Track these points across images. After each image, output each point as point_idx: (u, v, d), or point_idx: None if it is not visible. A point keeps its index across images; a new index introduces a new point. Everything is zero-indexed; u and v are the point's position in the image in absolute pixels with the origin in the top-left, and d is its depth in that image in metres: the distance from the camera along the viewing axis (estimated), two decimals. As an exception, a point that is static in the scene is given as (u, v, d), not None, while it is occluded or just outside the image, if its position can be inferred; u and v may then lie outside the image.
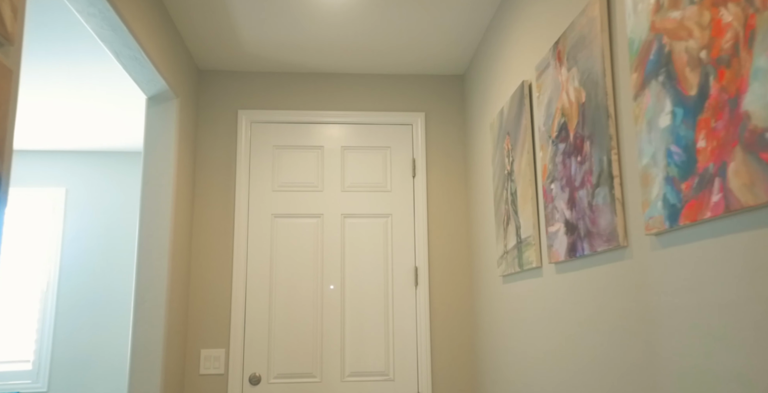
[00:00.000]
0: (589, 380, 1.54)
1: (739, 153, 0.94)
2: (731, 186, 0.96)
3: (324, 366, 2.80)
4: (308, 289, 2.87)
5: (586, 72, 1.52)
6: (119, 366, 4.28)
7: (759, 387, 0.91)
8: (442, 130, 3.06)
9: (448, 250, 2.95)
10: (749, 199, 0.91)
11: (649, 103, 1.22)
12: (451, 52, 2.84)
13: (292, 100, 3.03)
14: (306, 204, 2.95)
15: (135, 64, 2.23)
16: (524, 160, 2.02)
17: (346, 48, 2.79)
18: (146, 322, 2.42)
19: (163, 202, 2.51)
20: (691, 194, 1.07)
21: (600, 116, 1.45)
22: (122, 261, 4.41)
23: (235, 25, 2.57)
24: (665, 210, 1.15)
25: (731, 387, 0.98)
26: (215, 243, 2.87)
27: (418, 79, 3.10)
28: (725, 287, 1.00)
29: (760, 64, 0.89)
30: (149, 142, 2.54)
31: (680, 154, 1.10)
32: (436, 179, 3.01)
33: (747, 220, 0.95)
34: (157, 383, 2.39)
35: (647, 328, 1.25)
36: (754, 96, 0.91)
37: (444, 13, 2.48)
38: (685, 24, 1.09)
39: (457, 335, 2.88)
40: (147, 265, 2.45)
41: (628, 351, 1.34)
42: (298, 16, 2.50)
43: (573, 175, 1.61)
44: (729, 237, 1.00)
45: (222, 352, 2.77)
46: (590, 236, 1.50)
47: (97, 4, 1.81)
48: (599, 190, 1.45)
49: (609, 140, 1.40)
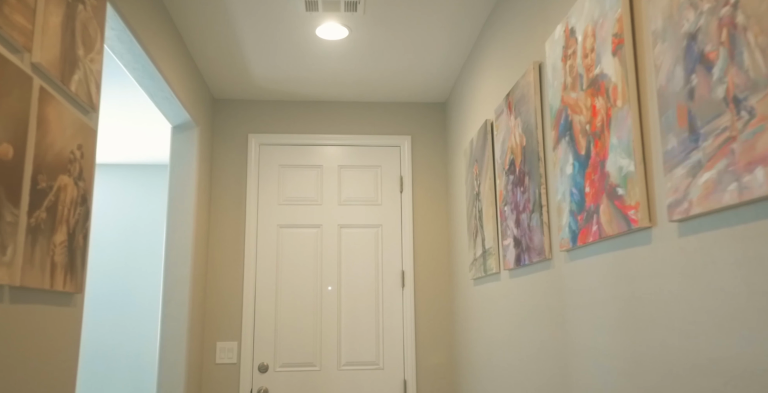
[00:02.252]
0: (529, 356, 1.99)
1: (605, 199, 1.38)
2: (601, 221, 1.40)
3: (323, 356, 3.25)
4: (309, 290, 3.31)
5: (526, 123, 1.96)
6: (139, 358, 4.72)
7: (621, 359, 1.35)
8: (426, 152, 3.50)
9: (431, 256, 3.39)
10: (610, 230, 1.36)
11: (561, 155, 1.66)
12: (434, 83, 3.28)
13: (296, 125, 3.47)
14: (307, 216, 3.39)
15: (165, 103, 2.67)
16: (487, 185, 2.46)
17: (342, 80, 3.23)
18: (172, 319, 2.86)
19: (185, 215, 2.94)
20: (582, 224, 1.51)
21: (534, 158, 1.89)
22: (143, 265, 4.85)
23: (246, 61, 3.01)
24: (569, 234, 1.59)
25: (608, 359, 1.42)
26: (228, 249, 3.31)
27: (405, 107, 3.54)
28: (604, 290, 1.44)
29: (614, 142, 1.34)
30: (174, 165, 2.98)
31: (577, 194, 1.55)
32: (421, 195, 3.45)
33: (609, 244, 1.40)
34: (183, 371, 2.83)
35: (563, 318, 1.70)
36: (611, 162, 1.35)
37: (427, 50, 2.92)
38: (579, 103, 1.53)
39: (438, 329, 3.32)
40: (173, 269, 2.89)
41: (551, 334, 1.78)
42: (300, 54, 2.94)
43: (518, 201, 2.06)
44: (601, 256, 1.44)
45: (235, 345, 3.21)
46: (529, 250, 1.94)
47: (140, 60, 2.25)
48: (534, 215, 1.89)
49: (540, 177, 1.84)
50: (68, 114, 1.46)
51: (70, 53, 1.47)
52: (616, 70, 1.33)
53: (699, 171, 1.02)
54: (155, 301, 4.86)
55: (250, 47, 2.82)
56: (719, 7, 0.97)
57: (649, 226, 1.22)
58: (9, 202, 1.20)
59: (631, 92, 1.27)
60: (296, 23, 2.59)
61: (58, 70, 1.41)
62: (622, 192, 1.30)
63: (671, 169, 1.11)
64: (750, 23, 0.90)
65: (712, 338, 1.01)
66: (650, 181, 1.22)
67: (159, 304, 4.88)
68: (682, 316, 1.11)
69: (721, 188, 0.96)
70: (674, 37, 1.10)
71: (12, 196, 1.21)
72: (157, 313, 4.86)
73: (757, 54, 0.88)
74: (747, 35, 0.90)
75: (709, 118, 0.99)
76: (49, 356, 1.42)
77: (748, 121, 0.90)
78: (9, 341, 1.25)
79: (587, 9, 1.48)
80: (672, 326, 1.14)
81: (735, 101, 0.93)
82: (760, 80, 0.87)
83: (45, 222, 1.35)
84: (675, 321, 1.13)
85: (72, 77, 1.49)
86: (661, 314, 1.18)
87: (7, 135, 1.19)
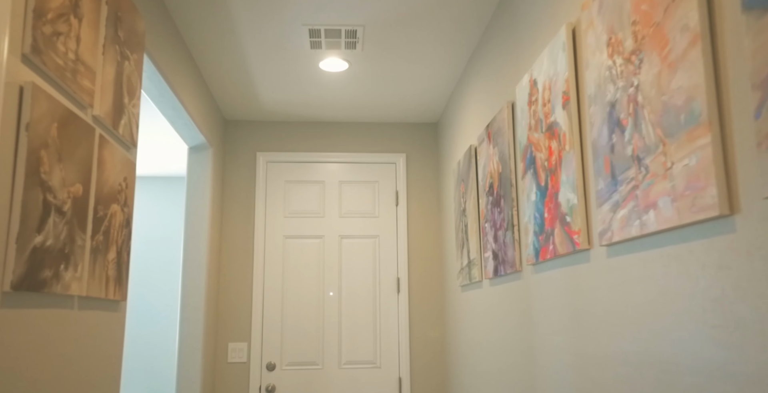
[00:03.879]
0: (504, 352, 2.29)
1: (558, 224, 1.69)
2: (556, 241, 1.71)
3: (325, 356, 3.56)
4: (312, 295, 3.62)
5: (502, 153, 2.28)
6: (155, 360, 5.03)
7: (570, 354, 1.66)
8: (420, 168, 3.82)
9: (423, 264, 3.70)
10: (561, 250, 1.67)
11: (527, 184, 1.97)
12: (426, 105, 3.60)
13: (300, 144, 3.78)
14: (310, 227, 3.70)
15: (184, 128, 2.98)
16: (471, 203, 2.77)
17: (342, 104, 3.55)
18: (189, 322, 3.17)
19: (201, 228, 3.25)
20: (543, 243, 1.82)
21: (507, 184, 2.20)
22: (159, 270, 5.16)
23: (255, 88, 3.32)
24: (533, 251, 1.90)
25: (561, 354, 1.73)
26: (239, 258, 3.62)
27: (400, 127, 3.86)
28: (558, 298, 1.75)
29: (564, 178, 1.65)
30: (190, 182, 3.29)
31: (538, 218, 1.86)
32: (415, 208, 3.76)
33: (561, 261, 1.71)
34: (199, 369, 3.14)
35: (530, 321, 2.01)
36: (562, 194, 1.66)
37: (419, 80, 3.24)
38: (540, 143, 1.85)
39: (430, 331, 3.63)
40: (190, 277, 3.20)
41: (521, 334, 2.09)
42: (305, 83, 3.25)
43: (496, 219, 2.37)
44: (556, 270, 1.75)
45: (245, 345, 3.52)
46: (504, 262, 2.25)
47: (165, 94, 2.56)
48: (508, 233, 2.20)
49: (512, 201, 2.16)
50: (117, 153, 1.77)
51: (118, 102, 1.79)
52: (565, 121, 1.64)
53: (617, 209, 1.33)
54: (170, 305, 5.16)
55: (259, 77, 3.13)
56: (628, 87, 1.28)
57: (588, 248, 1.53)
58: (80, 229, 1.51)
59: (575, 140, 1.58)
60: (302, 59, 2.91)
61: (110, 118, 1.72)
62: (569, 219, 1.61)
63: (600, 205, 1.42)
64: (645, 103, 1.21)
65: (626, 335, 1.33)
66: (588, 212, 1.53)
67: (171, 308, 5.19)
68: (609, 320, 1.42)
69: (630, 223, 1.27)
70: (601, 103, 1.42)
71: (81, 224, 1.52)
72: (170, 317, 5.17)
73: (649, 126, 1.19)
74: (644, 111, 1.22)
75: (623, 169, 1.31)
76: (103, 352, 1.73)
77: (645, 175, 1.21)
78: (77, 341, 1.56)
79: (546, 66, 1.80)
80: (603, 328, 1.45)
81: (638, 159, 1.24)
82: (651, 146, 1.19)
83: (101, 243, 1.66)
84: (604, 323, 1.44)
85: (120, 122, 1.80)
86: (596, 318, 1.49)
87: (78, 177, 1.50)
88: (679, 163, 1.09)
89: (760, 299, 0.91)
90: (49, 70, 1.36)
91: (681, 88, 1.09)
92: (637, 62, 1.25)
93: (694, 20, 1.05)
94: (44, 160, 1.32)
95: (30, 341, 1.32)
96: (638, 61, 1.24)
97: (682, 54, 1.08)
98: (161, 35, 2.35)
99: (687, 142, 1.07)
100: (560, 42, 1.67)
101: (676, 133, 1.10)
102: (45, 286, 1.34)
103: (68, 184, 1.45)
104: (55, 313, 1.44)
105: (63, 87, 1.44)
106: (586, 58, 1.51)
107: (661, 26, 1.15)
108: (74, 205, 1.48)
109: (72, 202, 1.47)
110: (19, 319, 1.27)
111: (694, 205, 1.05)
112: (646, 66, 1.21)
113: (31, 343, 1.32)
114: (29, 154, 1.26)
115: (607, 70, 1.39)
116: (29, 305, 1.31)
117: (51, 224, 1.36)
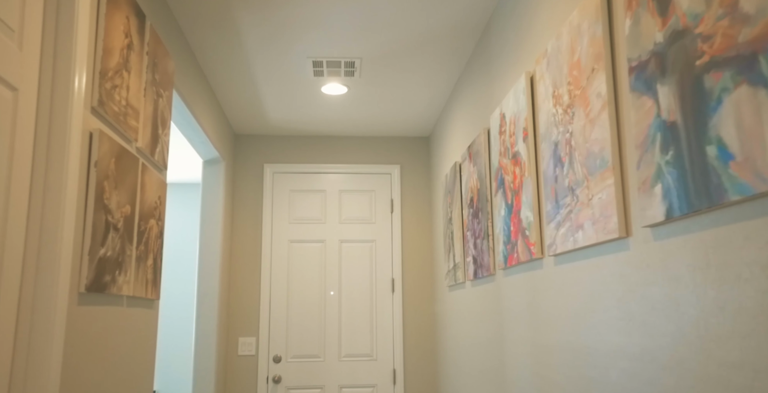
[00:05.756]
0: (481, 344, 2.65)
1: (520, 236, 2.04)
2: (518, 251, 2.06)
3: (326, 349, 3.91)
4: (314, 294, 3.97)
5: (480, 172, 2.63)
6: (169, 353, 5.38)
7: (529, 345, 2.02)
8: (413, 179, 4.17)
9: (416, 266, 4.05)
10: (522, 258, 2.02)
11: (499, 201, 2.33)
12: (419, 121, 3.95)
13: (304, 156, 4.14)
14: (313, 232, 4.05)
15: (200, 145, 3.34)
16: (456, 213, 3.13)
17: (342, 121, 3.90)
18: (205, 318, 3.52)
19: (214, 234, 3.61)
20: (509, 251, 2.17)
21: (484, 199, 2.56)
22: (171, 272, 5.51)
23: (263, 107, 3.67)
24: (503, 258, 2.26)
25: (523, 346, 2.09)
26: (248, 260, 3.97)
27: (395, 140, 4.21)
28: (520, 298, 2.10)
29: (524, 199, 2.00)
30: (205, 192, 3.65)
31: (507, 230, 2.21)
32: (408, 215, 4.12)
33: (522, 267, 2.06)
34: (213, 361, 3.49)
35: (500, 317, 2.36)
36: (523, 212, 2.02)
37: (411, 100, 3.59)
38: (507, 167, 2.20)
39: (421, 327, 3.98)
40: (205, 278, 3.55)
41: (494, 329, 2.44)
42: (308, 104, 3.60)
43: (475, 229, 2.72)
44: (519, 275, 2.11)
45: (254, 339, 3.87)
46: (482, 267, 2.60)
47: (186, 118, 2.91)
48: (484, 241, 2.55)
49: (488, 214, 2.51)
50: (154, 176, 2.13)
51: (155, 134, 2.14)
52: (525, 152, 1.99)
53: (559, 227, 1.68)
54: (184, 303, 5.52)
55: (268, 98, 3.49)
56: (566, 132, 1.64)
57: (541, 257, 1.88)
58: (128, 242, 1.86)
59: (531, 169, 1.93)
60: (306, 84, 3.26)
61: (149, 148, 2.08)
62: (528, 233, 1.96)
63: (548, 223, 1.77)
64: (576, 146, 1.56)
65: (566, 328, 1.68)
66: (542, 228, 1.88)
67: (184, 305, 5.55)
68: (555, 315, 1.77)
69: (567, 239, 1.63)
70: (549, 141, 1.77)
71: (129, 238, 1.87)
72: (184, 314, 5.52)
73: (578, 165, 1.54)
74: (575, 153, 1.57)
75: (563, 196, 1.66)
76: (143, 341, 2.09)
77: (576, 203, 1.56)
78: (125, 333, 1.91)
79: (512, 103, 2.15)
80: (551, 322, 1.80)
81: (571, 190, 1.59)
82: (580, 180, 1.54)
83: (143, 252, 2.02)
84: (552, 318, 1.79)
85: (156, 150, 2.15)
86: (547, 315, 1.84)
87: (127, 199, 1.85)
88: (596, 196, 1.44)
89: (645, 300, 1.26)
90: (109, 117, 1.71)
91: (597, 139, 1.44)
92: (571, 114, 1.60)
93: (604, 91, 1.40)
94: (106, 189, 1.68)
95: (97, 330, 1.67)
96: (572, 114, 1.59)
97: (597, 114, 1.43)
98: (185, 70, 2.70)
99: (600, 180, 1.42)
100: (521, 87, 2.02)
101: (594, 172, 1.45)
102: (106, 288, 1.69)
103: (121, 205, 1.80)
104: (112, 310, 1.79)
105: (117, 128, 1.79)
106: (539, 103, 1.86)
107: (585, 90, 1.51)
108: (125, 222, 1.84)
109: (123, 220, 1.82)
110: (89, 314, 1.62)
111: (605, 228, 1.40)
112: (576, 118, 1.56)
113: (98, 332, 1.68)
114: (96, 185, 1.62)
115: (552, 116, 1.74)
116: (95, 303, 1.67)
117: (110, 239, 1.71)
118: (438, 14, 2.54)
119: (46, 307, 1.39)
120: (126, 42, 1.82)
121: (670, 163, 1.12)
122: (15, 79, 1.33)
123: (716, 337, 1.01)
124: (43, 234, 1.41)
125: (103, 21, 1.65)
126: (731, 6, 0.94)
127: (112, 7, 1.72)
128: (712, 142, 0.99)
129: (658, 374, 1.20)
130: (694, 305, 1.08)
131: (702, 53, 1.02)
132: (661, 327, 1.19)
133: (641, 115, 1.23)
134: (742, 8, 0.92)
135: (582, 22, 1.53)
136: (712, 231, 1.03)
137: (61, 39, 1.46)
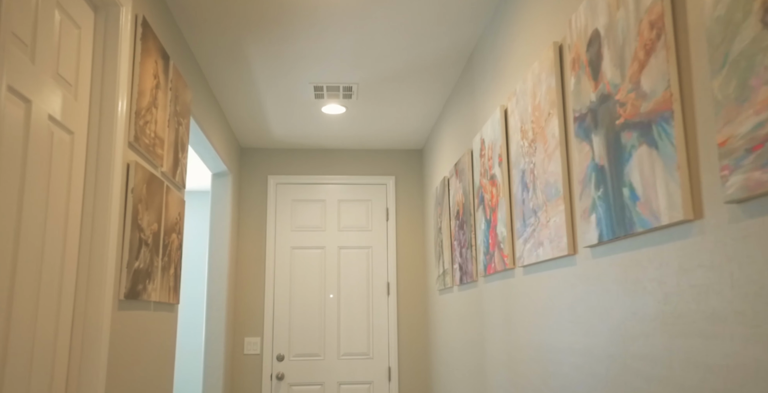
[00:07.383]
0: (466, 344, 2.94)
1: (497, 248, 2.34)
2: (495, 261, 2.35)
3: (326, 348, 4.20)
4: (315, 297, 4.26)
5: (464, 188, 2.92)
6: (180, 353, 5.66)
7: (504, 343, 2.31)
8: (407, 189, 4.46)
9: (410, 271, 4.35)
10: (499, 267, 2.31)
11: (480, 216, 2.62)
12: (412, 136, 4.24)
13: (305, 168, 4.43)
14: (313, 239, 4.34)
15: (210, 160, 3.63)
16: (444, 224, 3.42)
17: (341, 136, 4.19)
18: (214, 320, 3.81)
19: (223, 242, 3.90)
20: (488, 261, 2.46)
21: (468, 213, 2.85)
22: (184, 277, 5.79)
23: (268, 124, 3.96)
24: (483, 266, 2.55)
25: (500, 345, 2.38)
26: (253, 266, 4.26)
27: (390, 152, 4.50)
28: (497, 303, 2.39)
29: (500, 216, 2.29)
30: (214, 203, 3.93)
31: (486, 242, 2.50)
32: (403, 223, 4.41)
33: (498, 276, 2.36)
34: (221, 359, 3.78)
35: (481, 320, 2.65)
36: (498, 228, 2.31)
37: (405, 118, 3.88)
38: (486, 187, 2.49)
39: (415, 328, 4.28)
40: (214, 282, 3.84)
41: (476, 330, 2.74)
42: (309, 122, 3.89)
43: (461, 239, 3.01)
44: (496, 282, 2.40)
45: (258, 339, 4.16)
46: (466, 274, 2.90)
47: (199, 137, 3.20)
48: (468, 251, 2.84)
49: (471, 227, 2.80)
50: (175, 196, 2.42)
51: (176, 158, 2.43)
52: (500, 176, 2.28)
53: (526, 242, 1.98)
54: (193, 305, 5.80)
55: (272, 117, 3.78)
56: (530, 163, 1.93)
57: (513, 268, 2.17)
58: (155, 255, 2.15)
59: (505, 191, 2.22)
60: (307, 105, 3.55)
61: (172, 171, 2.37)
62: (503, 246, 2.25)
63: (518, 238, 2.06)
64: (538, 176, 1.85)
65: (532, 329, 1.97)
66: (513, 242, 2.18)
67: (193, 307, 5.83)
68: (524, 318, 2.06)
69: (532, 253, 1.92)
70: (518, 168, 2.06)
71: (156, 251, 2.16)
72: (192, 316, 5.81)
73: (539, 192, 1.84)
74: (537, 181, 1.86)
75: (529, 216, 1.95)
76: (165, 341, 2.37)
77: (538, 223, 1.85)
78: (150, 334, 2.20)
79: (489, 131, 2.44)
80: (521, 324, 2.10)
81: (534, 212, 1.89)
82: (540, 205, 1.83)
83: (167, 263, 2.31)
84: (521, 321, 2.09)
85: (176, 172, 2.44)
86: (518, 318, 2.13)
87: (155, 218, 2.14)
88: (552, 218, 1.73)
89: (587, 306, 1.55)
90: (142, 149, 2.00)
91: (552, 172, 1.73)
92: (534, 147, 1.89)
93: (557, 132, 1.69)
94: (140, 211, 1.97)
95: (132, 332, 1.96)
96: (534, 147, 1.89)
97: (553, 151, 1.73)
98: (200, 97, 2.99)
99: (554, 206, 1.71)
100: (497, 118, 2.31)
101: (551, 199, 1.75)
102: (139, 295, 1.98)
103: (150, 224, 2.09)
104: (143, 314, 2.08)
105: (148, 157, 2.08)
106: (511, 134, 2.15)
107: (543, 129, 1.80)
108: (153, 238, 2.13)
109: (152, 236, 2.11)
110: (126, 318, 1.91)
111: (558, 246, 1.69)
112: (537, 152, 1.86)
113: (132, 333, 1.97)
114: (132, 208, 1.91)
115: (520, 147, 2.03)
116: (131, 308, 1.96)
117: (142, 253, 2.00)
118: (425, 47, 2.83)
119: (95, 312, 1.68)
120: (155, 82, 2.11)
121: (600, 198, 1.41)
122: (72, 125, 1.63)
123: (631, 335, 1.31)
124: (92, 251, 1.70)
125: (138, 68, 1.94)
126: (636, 83, 1.24)
127: (145, 55, 2.01)
128: (626, 185, 1.28)
129: (595, 366, 1.49)
130: (618, 311, 1.37)
131: (619, 116, 1.31)
132: (597, 328, 1.48)
133: (582, 156, 1.52)
134: (643, 86, 1.21)
135: (541, 72, 1.82)
136: (627, 253, 1.32)
137: (106, 89, 1.76)
